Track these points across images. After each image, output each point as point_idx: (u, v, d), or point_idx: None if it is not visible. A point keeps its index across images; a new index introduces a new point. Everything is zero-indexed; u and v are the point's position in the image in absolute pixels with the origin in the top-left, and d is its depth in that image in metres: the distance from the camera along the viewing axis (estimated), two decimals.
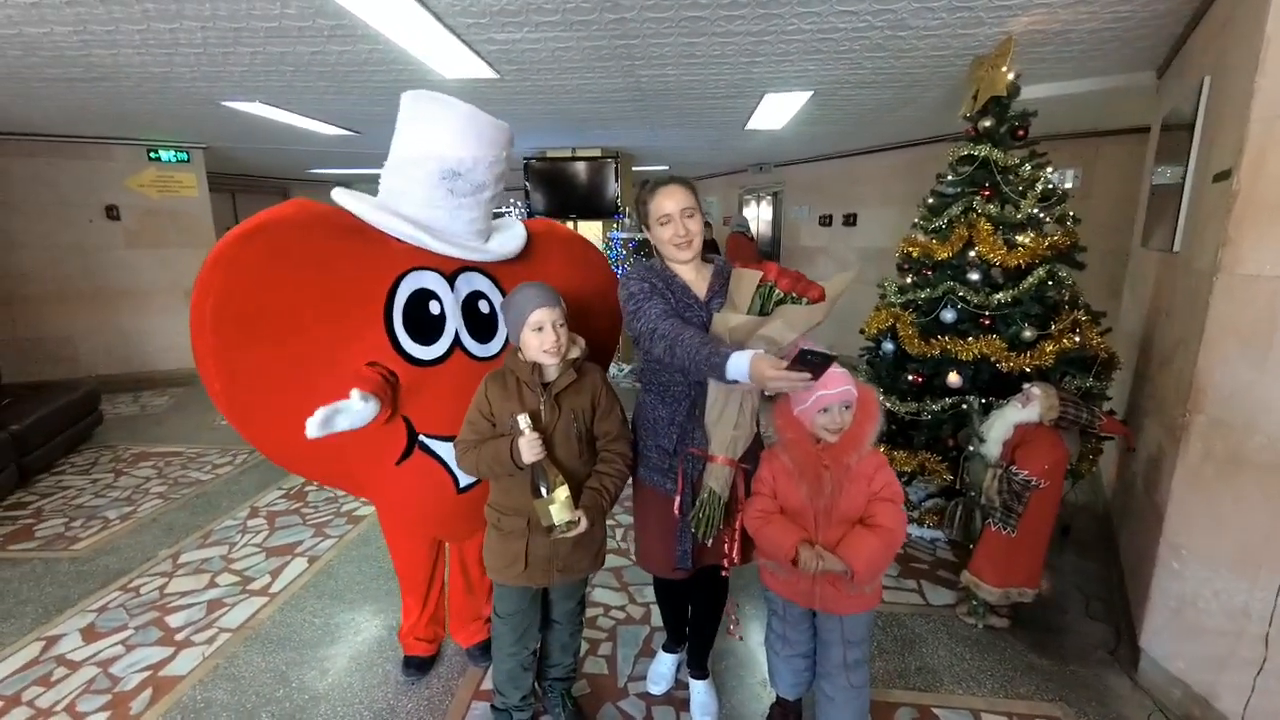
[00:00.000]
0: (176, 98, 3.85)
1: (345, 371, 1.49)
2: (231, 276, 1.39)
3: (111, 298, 5.68)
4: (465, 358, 1.67)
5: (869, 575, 1.44)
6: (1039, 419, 2.11)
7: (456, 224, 1.62)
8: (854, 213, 6.56)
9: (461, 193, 1.58)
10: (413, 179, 1.56)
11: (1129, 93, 3.53)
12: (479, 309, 1.71)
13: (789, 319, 1.41)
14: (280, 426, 1.46)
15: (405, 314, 1.57)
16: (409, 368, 1.58)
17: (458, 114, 1.54)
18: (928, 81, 3.50)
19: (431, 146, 1.53)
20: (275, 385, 1.47)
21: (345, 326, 1.52)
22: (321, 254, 1.49)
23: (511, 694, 1.70)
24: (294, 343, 1.47)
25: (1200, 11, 2.36)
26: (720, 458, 1.50)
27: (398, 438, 1.62)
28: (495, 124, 1.60)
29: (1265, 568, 1.58)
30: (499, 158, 1.62)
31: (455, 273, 1.66)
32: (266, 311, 1.43)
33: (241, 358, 1.42)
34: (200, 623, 2.31)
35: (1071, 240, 2.59)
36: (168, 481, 3.61)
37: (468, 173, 1.56)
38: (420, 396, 1.61)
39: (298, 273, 1.46)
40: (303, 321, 1.47)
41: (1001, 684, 1.99)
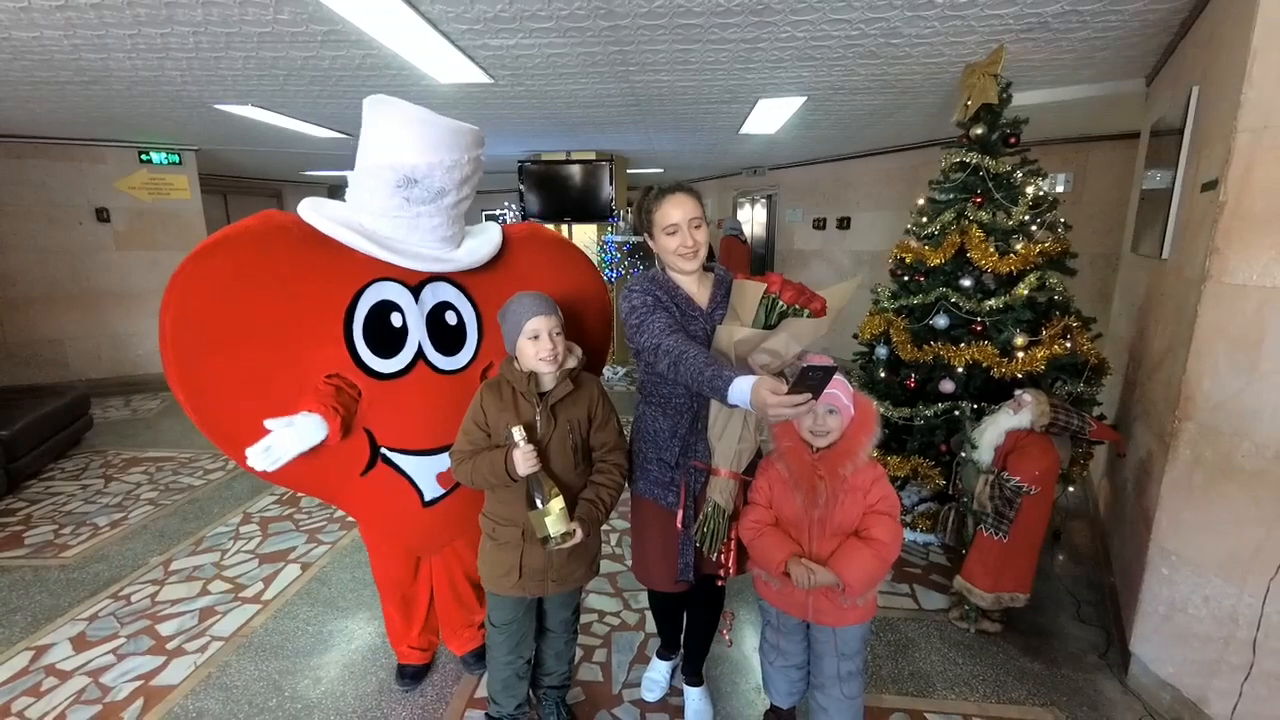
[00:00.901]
0: (168, 101, 3.83)
1: (306, 383, 1.50)
2: (189, 292, 1.40)
3: (102, 301, 5.63)
4: (429, 371, 1.65)
5: (861, 588, 1.44)
6: (1030, 425, 2.13)
7: (417, 234, 1.55)
8: (848, 216, 6.59)
9: (420, 200, 1.50)
10: (370, 189, 1.50)
11: (1119, 99, 3.57)
12: (445, 320, 1.67)
13: (794, 332, 1.40)
14: (248, 439, 1.45)
15: (366, 326, 1.55)
16: (370, 380, 1.57)
17: (409, 118, 1.44)
18: (921, 88, 3.52)
19: (385, 154, 1.45)
20: (238, 398, 1.47)
21: (305, 338, 1.51)
22: (282, 268, 1.48)
23: (506, 702, 1.70)
24: (254, 356, 1.47)
25: (1189, 22, 2.39)
26: (724, 471, 1.50)
27: (360, 450, 1.61)
28: (454, 127, 1.48)
29: (1253, 574, 1.60)
30: (459, 161, 1.50)
31: (421, 284, 1.63)
32: (224, 326, 1.43)
33: (201, 372, 1.43)
34: (192, 631, 2.30)
35: (1063, 247, 2.61)
36: (159, 487, 3.59)
37: (424, 179, 1.47)
38: (382, 410, 1.59)
39: (257, 287, 1.46)
40: (262, 335, 1.47)
41: (993, 688, 2.01)
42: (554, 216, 6.38)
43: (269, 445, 1.41)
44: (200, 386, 1.45)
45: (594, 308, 1.97)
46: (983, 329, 2.60)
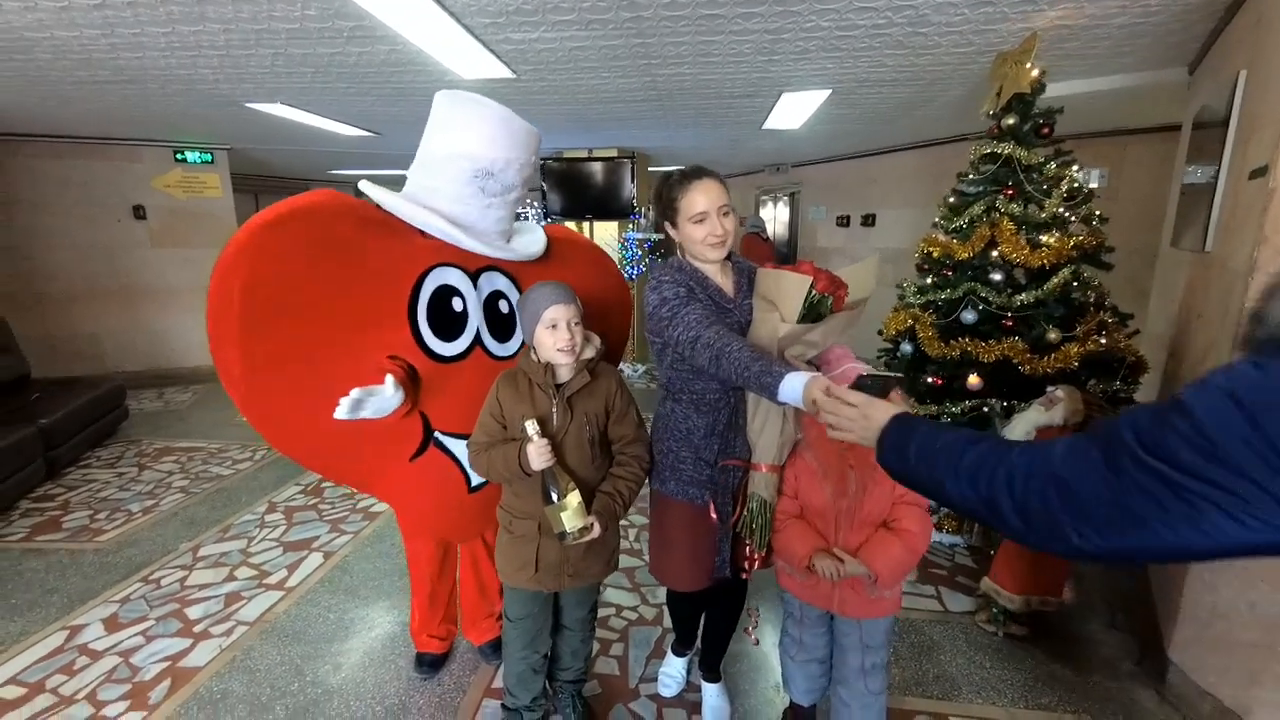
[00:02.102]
0: (200, 99, 3.92)
1: (366, 363, 1.49)
2: (260, 262, 1.36)
3: (138, 297, 5.80)
4: (485, 356, 1.68)
5: (891, 580, 1.41)
6: (1062, 423, 2.06)
7: (485, 223, 1.64)
8: (872, 213, 6.48)
9: (492, 192, 1.60)
10: (445, 176, 1.57)
11: (1159, 90, 3.44)
12: (499, 308, 1.72)
13: (832, 324, 1.37)
14: (297, 417, 1.47)
15: (429, 309, 1.58)
16: (430, 363, 1.59)
17: (494, 115, 1.56)
18: (949, 79, 3.44)
19: (466, 146, 1.54)
20: (295, 374, 1.45)
21: (369, 318, 1.52)
22: (349, 244, 1.49)
23: (522, 695, 1.70)
24: (317, 332, 1.46)
25: (1235, 6, 2.29)
26: (765, 466, 1.47)
27: (413, 433, 1.62)
28: (528, 128, 1.62)
29: None
30: (528, 161, 1.64)
31: (478, 271, 1.67)
32: (292, 299, 1.41)
33: (264, 345, 1.40)
34: (218, 615, 2.35)
35: (1098, 240, 2.53)
36: (189, 476, 3.68)
37: (499, 173, 1.58)
38: (438, 393, 1.61)
39: (325, 262, 1.45)
40: (327, 311, 1.46)
41: (1022, 694, 1.94)
42: (576, 214, 6.39)
43: (360, 397, 1.35)
44: (263, 357, 1.41)
45: (617, 305, 2.05)
46: (1013, 324, 2.52)
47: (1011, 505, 0.69)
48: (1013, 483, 0.69)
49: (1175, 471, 0.56)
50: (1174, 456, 0.56)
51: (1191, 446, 0.55)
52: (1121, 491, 0.59)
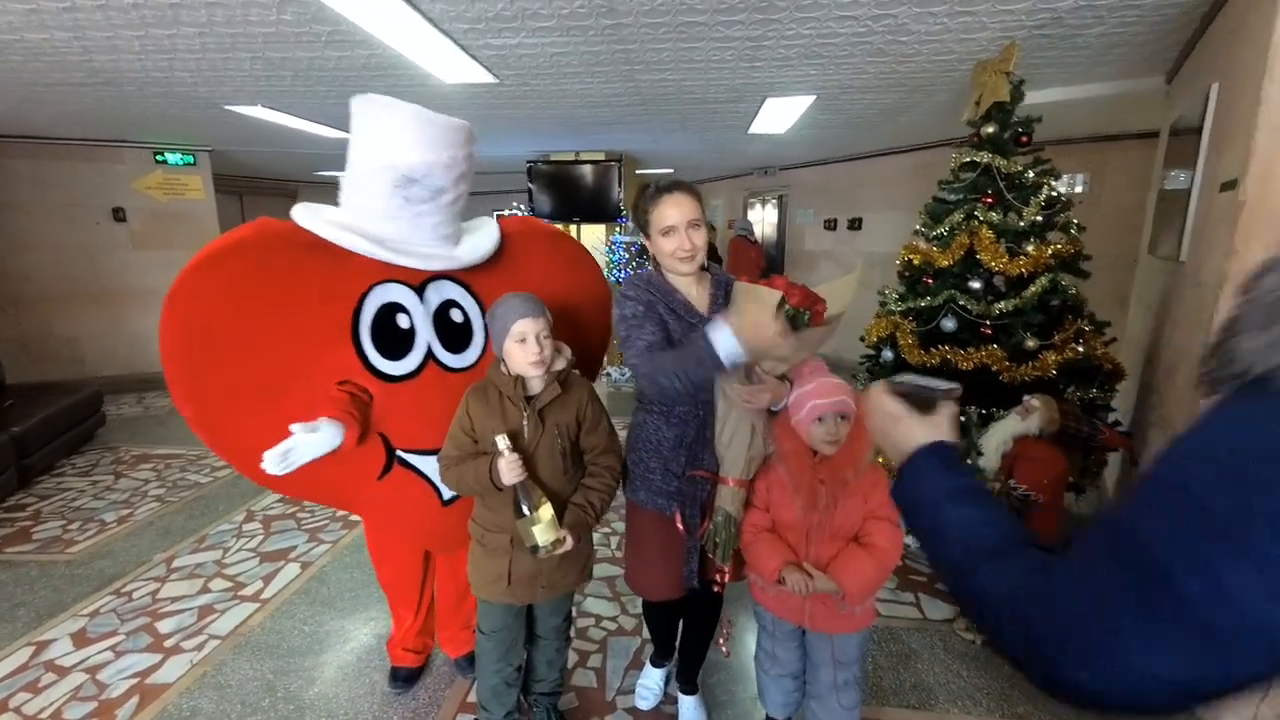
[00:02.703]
0: (179, 102, 3.87)
1: (317, 392, 1.48)
2: (188, 308, 1.38)
3: (118, 299, 5.72)
4: (439, 370, 1.63)
5: (860, 596, 1.40)
6: (1039, 431, 2.07)
7: (419, 233, 1.54)
8: (859, 217, 6.51)
9: (419, 200, 1.48)
10: (367, 191, 1.48)
11: (1137, 98, 3.48)
12: (451, 318, 1.65)
13: (804, 339, 1.35)
14: (256, 450, 1.43)
15: (373, 330, 1.54)
16: (381, 384, 1.55)
17: (403, 116, 1.42)
18: (931, 86, 3.46)
19: (381, 155, 1.43)
20: (246, 410, 1.46)
21: (313, 346, 1.49)
22: (282, 276, 1.46)
23: (495, 710, 1.67)
24: (260, 367, 1.45)
25: (1209, 17, 2.32)
26: (732, 480, 1.46)
27: (376, 455, 1.59)
28: (448, 123, 1.46)
29: None
30: (456, 159, 1.49)
31: (424, 283, 1.61)
32: (228, 339, 1.41)
33: (207, 386, 1.42)
34: (190, 629, 2.31)
35: (1076, 248, 2.54)
36: (166, 484, 3.62)
37: (423, 178, 1.45)
38: (396, 412, 1.58)
39: (258, 298, 1.44)
40: (267, 346, 1.45)
41: (998, 702, 1.95)
42: (563, 217, 6.37)
43: (288, 449, 1.38)
44: (207, 403, 1.44)
45: (593, 301, 1.92)
46: (991, 332, 2.53)
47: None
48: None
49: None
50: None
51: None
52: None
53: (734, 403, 1.40)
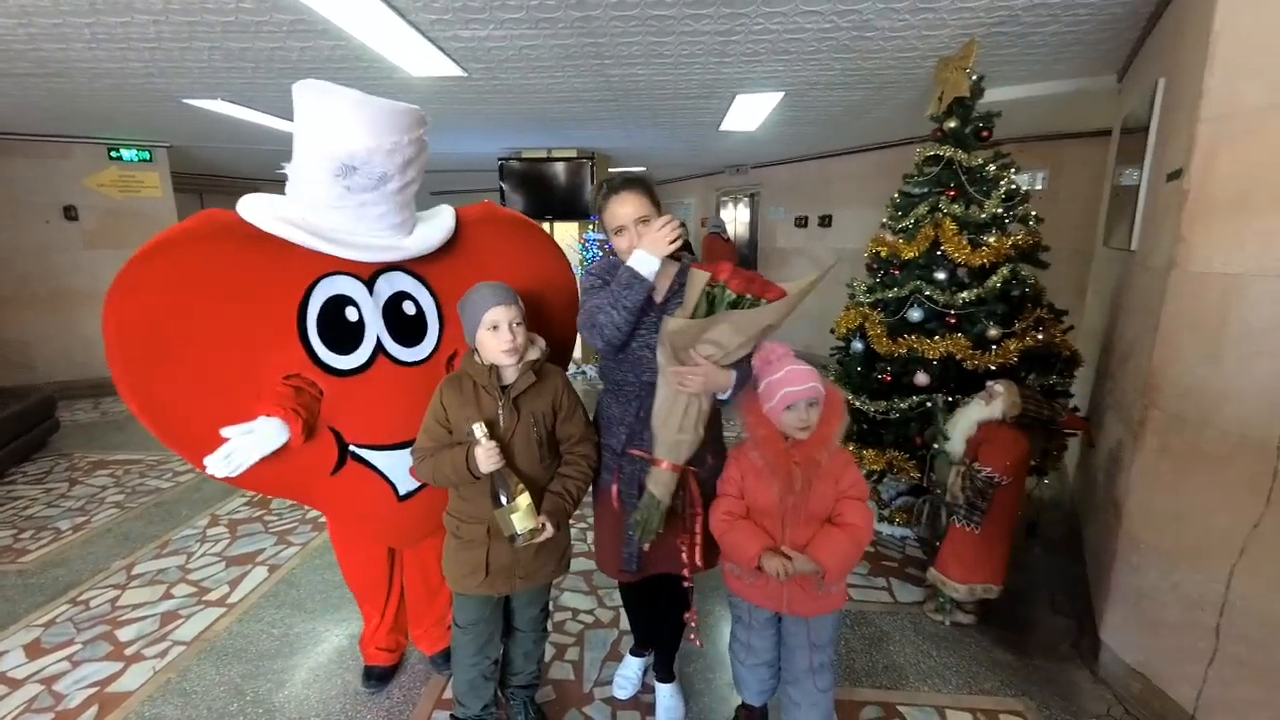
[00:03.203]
0: (134, 95, 3.74)
1: (264, 386, 1.45)
2: (129, 301, 1.35)
3: (70, 301, 5.50)
4: (391, 364, 1.59)
5: (840, 574, 1.42)
6: (1002, 416, 2.13)
7: (363, 223, 1.49)
8: (829, 214, 6.61)
9: (361, 188, 1.42)
10: (309, 180, 1.43)
11: (1092, 95, 3.60)
12: (403, 311, 1.61)
13: (736, 323, 1.36)
14: (206, 445, 1.40)
15: (320, 323, 1.50)
16: (330, 379, 1.53)
17: (341, 102, 1.35)
18: (898, 82, 3.53)
19: (320, 142, 1.37)
20: (194, 406, 1.43)
21: (257, 341, 1.46)
22: (226, 269, 1.43)
23: (472, 703, 1.66)
24: (205, 362, 1.42)
25: (1156, 15, 2.41)
26: (665, 463, 1.46)
27: (328, 450, 1.57)
28: (391, 107, 1.40)
29: (1218, 560, 1.60)
30: (399, 144, 1.41)
31: (375, 275, 1.57)
32: (170, 333, 1.39)
33: (151, 382, 1.39)
34: (152, 636, 2.23)
35: (1034, 239, 2.62)
36: (125, 490, 3.50)
37: (364, 165, 1.38)
38: (346, 407, 1.55)
39: (201, 291, 1.41)
40: (211, 340, 1.42)
41: (966, 680, 2.00)
42: (536, 215, 6.32)
43: (229, 453, 1.38)
44: (152, 397, 1.40)
45: (559, 291, 1.89)
46: (956, 322, 2.60)
47: None
48: None
49: None
50: None
51: None
52: None
53: (670, 384, 1.43)
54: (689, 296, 1.42)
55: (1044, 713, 1.86)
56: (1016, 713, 1.87)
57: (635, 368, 1.52)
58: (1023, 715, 1.86)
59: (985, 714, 1.86)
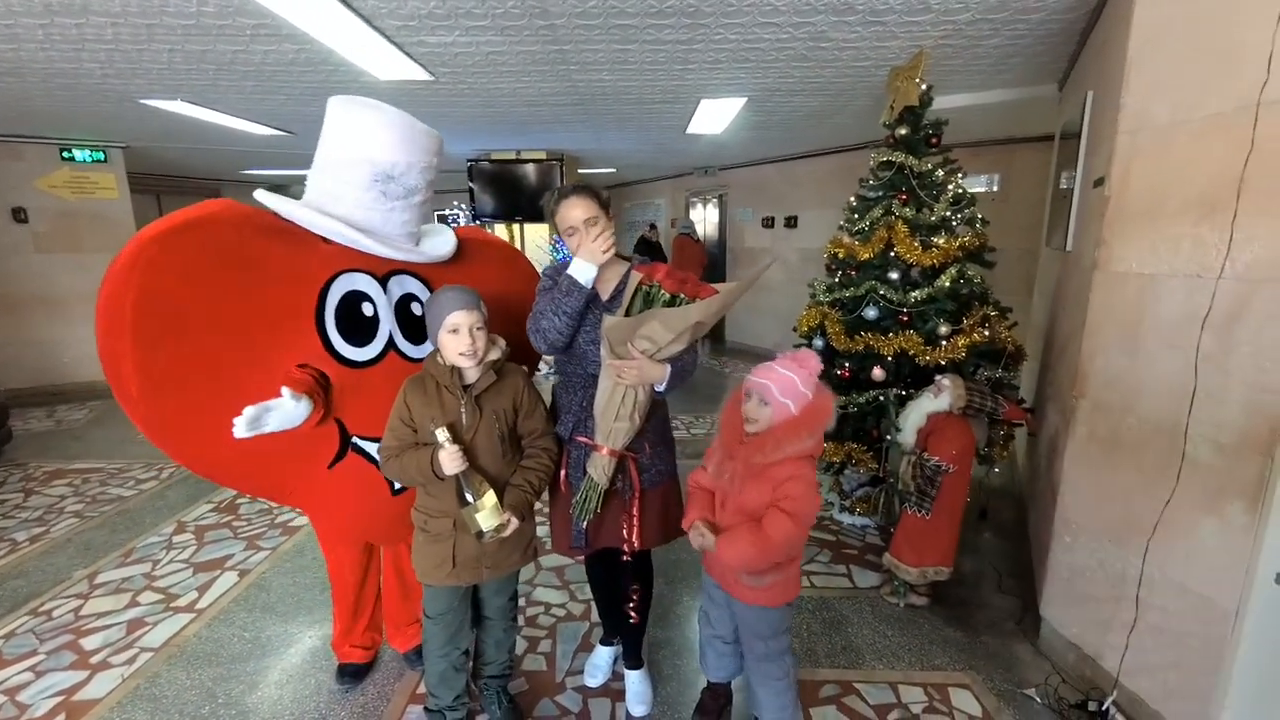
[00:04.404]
0: (89, 95, 3.66)
1: (275, 374, 1.47)
2: (152, 278, 1.32)
3: (21, 306, 5.32)
4: (400, 359, 1.68)
5: (732, 565, 1.47)
6: (949, 408, 2.26)
7: (389, 226, 1.64)
8: (795, 215, 6.77)
9: (394, 196, 1.59)
10: (345, 181, 1.56)
11: (1036, 103, 3.80)
12: (411, 311, 1.71)
13: (665, 320, 1.45)
14: (203, 433, 1.42)
15: (338, 316, 1.57)
16: (342, 369, 1.57)
17: (391, 119, 1.56)
18: (854, 90, 3.67)
19: (365, 150, 1.54)
20: (199, 390, 1.42)
21: (274, 329, 1.49)
22: (249, 254, 1.46)
23: (444, 695, 1.71)
24: (220, 345, 1.43)
25: (1087, 31, 2.58)
26: (604, 448, 1.56)
27: (330, 440, 1.61)
28: (428, 131, 1.63)
29: (1137, 536, 1.74)
30: (430, 164, 1.66)
31: (387, 275, 1.66)
32: (189, 314, 1.38)
33: (162, 362, 1.36)
34: (119, 643, 2.21)
35: (981, 241, 2.77)
36: (85, 499, 3.42)
37: (400, 176, 1.58)
38: (354, 398, 1.60)
39: (222, 274, 1.42)
40: (229, 324, 1.43)
41: (918, 657, 2.12)
42: (506, 216, 6.35)
43: (258, 414, 1.34)
44: (161, 375, 1.36)
45: (529, 297, 2.00)
46: (909, 319, 2.73)
47: None
48: None
49: None
50: None
51: None
52: None
53: (610, 376, 1.52)
54: (626, 295, 1.53)
55: (989, 685, 1.99)
56: (964, 685, 1.99)
57: (581, 361, 1.62)
58: (969, 687, 1.98)
59: (935, 688, 1.98)
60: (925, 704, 1.92)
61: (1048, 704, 1.90)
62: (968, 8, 2.42)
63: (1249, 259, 1.46)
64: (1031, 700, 1.92)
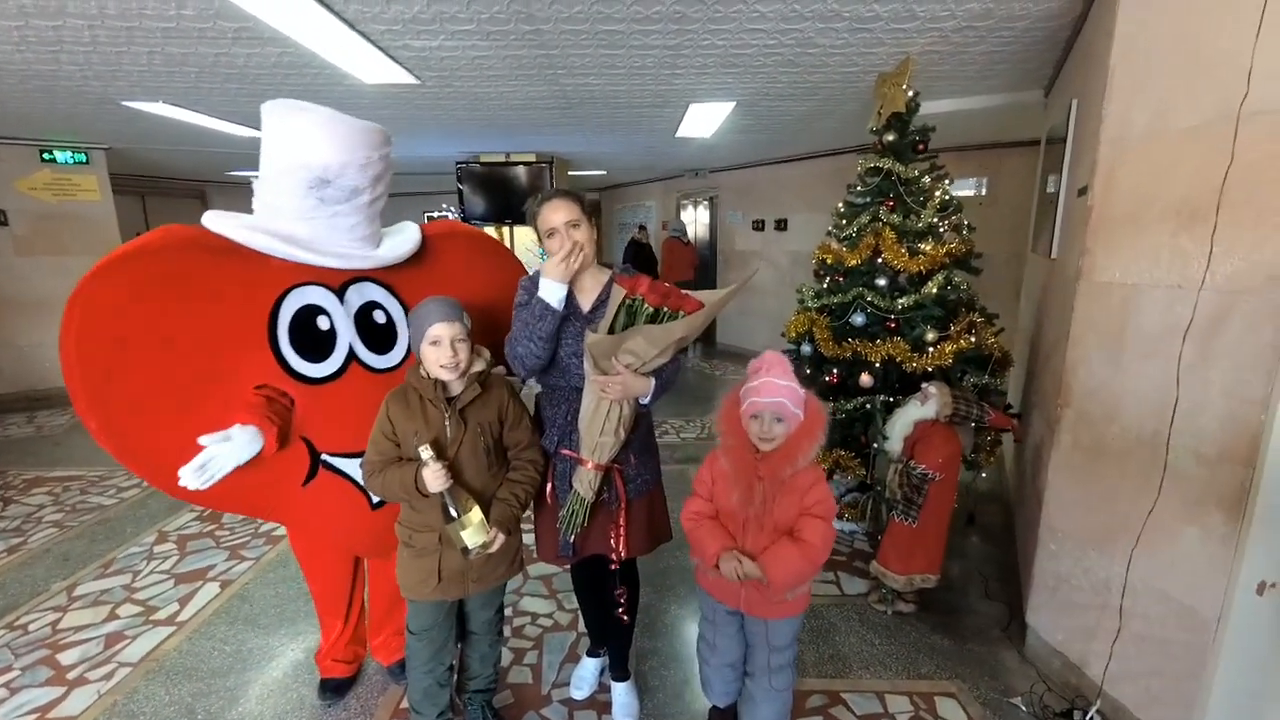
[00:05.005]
0: (68, 97, 3.60)
1: (233, 397, 1.45)
2: (91, 314, 1.34)
3: (2, 310, 5.23)
4: (363, 371, 1.64)
5: (784, 586, 1.46)
6: (935, 416, 2.26)
7: (335, 234, 1.56)
8: (785, 218, 6.79)
9: (334, 200, 1.51)
10: (282, 191, 1.49)
11: (1023, 109, 3.82)
12: (374, 320, 1.67)
13: (650, 335, 1.44)
14: (173, 459, 1.40)
15: (292, 332, 1.53)
16: (302, 387, 1.55)
17: (317, 119, 1.46)
18: (842, 95, 3.68)
19: (295, 156, 1.45)
20: (157, 419, 1.42)
21: (226, 352, 1.47)
22: (191, 280, 1.44)
23: (428, 711, 1.68)
24: (174, 372, 1.42)
25: (1071, 39, 2.59)
26: (589, 462, 1.54)
27: (300, 460, 1.58)
28: (364, 125, 1.51)
29: (1121, 545, 1.75)
30: (370, 159, 1.52)
31: (345, 285, 1.62)
32: (136, 344, 1.38)
33: (115, 394, 1.37)
34: (97, 658, 2.17)
35: (967, 248, 2.78)
36: (65, 508, 3.37)
37: (336, 179, 1.48)
38: (319, 415, 1.57)
39: (168, 301, 1.41)
40: (178, 351, 1.42)
41: (905, 666, 2.12)
42: (496, 219, 6.32)
43: (204, 462, 1.37)
44: (114, 413, 1.39)
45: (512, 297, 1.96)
46: (896, 326, 2.73)
47: None
48: None
49: None
50: None
51: None
52: None
53: (594, 391, 1.51)
54: (609, 310, 1.51)
55: (974, 693, 1.99)
56: (950, 694, 1.99)
57: (565, 374, 1.61)
58: (955, 696, 1.98)
59: (921, 696, 1.98)
60: (911, 713, 1.91)
61: (1033, 712, 1.90)
62: (954, 15, 2.42)
63: (1229, 270, 1.46)
64: (1017, 708, 1.92)
